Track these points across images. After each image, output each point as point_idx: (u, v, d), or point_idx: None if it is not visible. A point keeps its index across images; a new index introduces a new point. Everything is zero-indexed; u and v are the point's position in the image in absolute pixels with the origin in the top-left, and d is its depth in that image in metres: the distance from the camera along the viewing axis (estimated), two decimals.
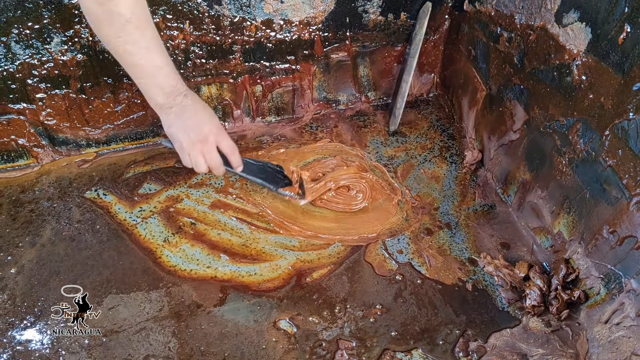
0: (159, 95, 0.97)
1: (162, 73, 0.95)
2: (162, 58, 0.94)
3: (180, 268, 1.10)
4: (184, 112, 1.00)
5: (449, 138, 1.43)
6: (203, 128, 1.01)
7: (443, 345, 0.98)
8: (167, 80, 0.96)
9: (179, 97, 0.99)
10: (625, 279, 0.89)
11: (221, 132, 1.05)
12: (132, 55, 0.91)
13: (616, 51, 0.85)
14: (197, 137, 1.01)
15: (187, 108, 1.00)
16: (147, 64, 0.93)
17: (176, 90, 0.98)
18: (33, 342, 0.97)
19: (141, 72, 0.95)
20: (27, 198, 1.23)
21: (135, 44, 0.90)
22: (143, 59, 0.92)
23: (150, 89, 0.97)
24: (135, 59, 0.92)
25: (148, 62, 0.93)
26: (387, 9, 1.33)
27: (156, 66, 0.94)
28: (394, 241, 1.16)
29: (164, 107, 1.00)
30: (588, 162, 0.95)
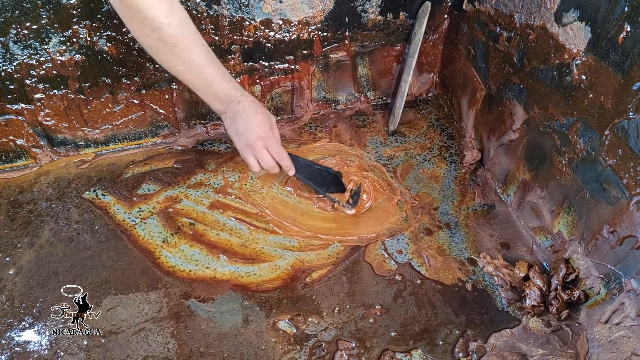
0: (215, 103, 1.08)
1: (214, 85, 1.04)
2: (213, 72, 1.02)
3: (179, 268, 1.09)
4: (236, 117, 1.08)
5: (449, 138, 1.43)
6: (252, 134, 1.09)
7: (443, 345, 0.98)
8: (219, 90, 1.05)
9: (232, 103, 1.07)
10: (625, 278, 0.89)
11: (269, 138, 1.11)
12: (184, 73, 1.01)
13: (616, 50, 0.84)
14: (246, 141, 1.10)
15: (239, 114, 1.08)
16: (199, 79, 1.02)
17: (230, 98, 1.07)
18: (31, 344, 0.96)
19: (196, 86, 1.04)
20: (26, 199, 1.23)
21: (184, 64, 0.99)
22: (195, 76, 1.02)
23: (206, 98, 1.07)
24: (188, 76, 1.02)
25: (200, 77, 1.02)
26: (386, 8, 1.33)
27: (207, 80, 1.03)
28: (393, 241, 1.16)
29: (222, 112, 1.10)
30: (588, 161, 0.95)
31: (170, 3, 0.92)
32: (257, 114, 1.09)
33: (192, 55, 0.98)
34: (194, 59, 0.99)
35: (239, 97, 1.07)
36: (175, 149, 1.38)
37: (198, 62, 0.99)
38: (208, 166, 1.32)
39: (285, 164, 1.14)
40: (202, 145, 1.39)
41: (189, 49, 0.97)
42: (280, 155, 1.13)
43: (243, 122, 1.08)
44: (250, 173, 1.29)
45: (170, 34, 0.93)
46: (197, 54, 0.99)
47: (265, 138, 1.10)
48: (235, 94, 1.07)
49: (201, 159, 1.34)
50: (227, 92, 1.06)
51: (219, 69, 1.04)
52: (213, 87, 1.04)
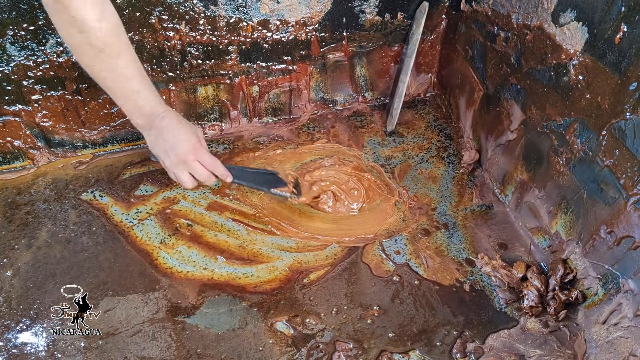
0: (138, 117, 1.02)
1: (139, 97, 0.99)
2: (139, 83, 0.97)
3: (177, 270, 1.09)
4: (161, 133, 1.03)
5: (447, 138, 1.43)
6: (181, 149, 1.03)
7: (440, 346, 0.97)
8: (144, 104, 1.00)
9: (157, 119, 1.02)
10: (622, 279, 0.89)
11: (199, 150, 1.06)
12: (108, 80, 0.96)
13: (613, 51, 0.84)
14: (177, 158, 1.04)
15: (164, 129, 1.02)
16: (123, 89, 0.97)
17: (154, 113, 1.01)
18: (29, 345, 0.96)
19: (119, 96, 0.99)
20: (23, 200, 1.23)
21: (111, 71, 0.94)
22: (120, 84, 0.96)
23: (129, 111, 1.02)
24: (112, 84, 0.96)
25: (124, 87, 0.97)
26: (384, 9, 1.33)
27: (133, 91, 0.97)
28: (391, 242, 1.16)
29: (145, 128, 1.04)
30: (585, 162, 0.95)
31: (102, 6, 0.88)
32: (182, 127, 1.04)
33: (119, 64, 0.93)
34: (121, 68, 0.94)
35: (162, 113, 1.02)
36: None
37: (125, 72, 0.95)
38: None
39: (221, 171, 1.09)
40: None
41: (116, 56, 0.92)
42: (213, 164, 1.07)
43: (170, 137, 1.03)
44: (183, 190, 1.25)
45: (100, 38, 0.88)
46: (125, 63, 0.94)
47: (195, 150, 1.04)
48: (159, 109, 1.02)
49: None
50: (151, 105, 1.01)
51: (146, 81, 0.99)
52: (138, 99, 0.99)
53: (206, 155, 1.07)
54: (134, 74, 0.96)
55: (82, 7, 0.85)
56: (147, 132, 1.05)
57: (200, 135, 1.09)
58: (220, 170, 1.09)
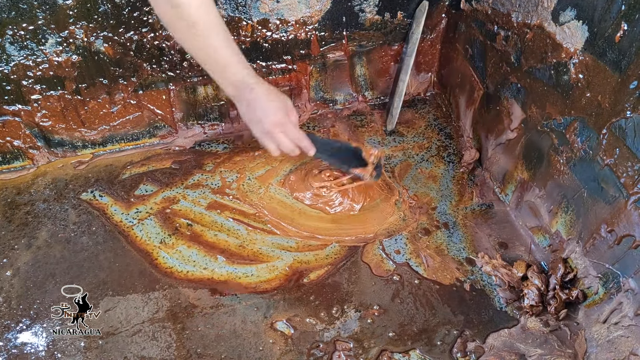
0: (228, 88, 1.06)
1: (228, 70, 1.02)
2: (229, 56, 1.01)
3: (177, 269, 1.09)
4: (250, 105, 1.07)
5: (447, 137, 1.43)
6: (268, 122, 1.08)
7: (441, 345, 0.97)
8: (233, 76, 1.03)
9: (246, 91, 1.05)
10: (623, 278, 0.89)
11: (286, 124, 1.10)
12: (200, 55, 1.00)
13: (613, 49, 0.84)
14: (263, 129, 1.09)
15: (253, 101, 1.06)
16: (214, 63, 1.01)
17: (243, 84, 1.04)
18: (29, 345, 0.96)
19: (210, 69, 1.02)
20: (23, 200, 1.23)
21: (200, 45, 0.98)
22: (210, 58, 1.00)
23: (220, 83, 1.05)
24: (203, 58, 1.00)
25: (215, 61, 1.00)
26: (384, 8, 1.32)
27: (223, 64, 1.01)
28: (391, 241, 1.16)
29: (235, 99, 1.08)
30: (585, 161, 0.95)
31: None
32: (271, 101, 1.07)
33: (209, 39, 0.97)
34: (211, 42, 0.97)
35: (252, 84, 1.05)
36: (173, 149, 1.38)
37: (214, 45, 0.98)
38: (206, 167, 1.32)
39: (304, 144, 1.14)
40: (199, 145, 1.39)
41: (206, 31, 0.96)
42: (298, 138, 1.12)
43: (259, 109, 1.07)
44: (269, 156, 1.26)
45: (189, 13, 0.92)
46: (215, 37, 0.97)
47: (282, 124, 1.09)
48: (249, 80, 1.05)
49: (199, 159, 1.34)
50: (240, 78, 1.04)
51: (236, 54, 1.02)
52: (227, 72, 1.02)
53: (292, 129, 1.11)
54: (222, 47, 0.99)
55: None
56: (238, 103, 1.09)
57: (290, 106, 1.11)
58: (304, 143, 1.14)
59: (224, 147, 1.38)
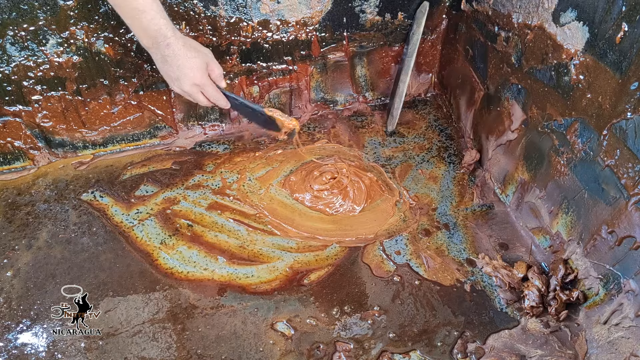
0: (143, 38, 0.99)
1: (145, 17, 0.95)
2: (145, 2, 0.94)
3: (177, 270, 1.09)
4: (167, 61, 1.01)
5: (447, 138, 1.43)
6: (186, 82, 1.03)
7: (441, 346, 0.97)
8: (150, 25, 0.96)
9: (162, 44, 0.99)
10: (624, 279, 0.89)
11: (205, 85, 1.06)
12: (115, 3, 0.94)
13: (614, 50, 0.84)
14: (181, 88, 1.05)
15: (169, 57, 1.00)
16: (129, 7, 0.94)
17: (160, 36, 0.98)
18: (29, 346, 0.96)
19: (125, 14, 0.96)
20: (24, 200, 1.23)
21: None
22: (126, 1, 0.93)
23: (135, 30, 0.99)
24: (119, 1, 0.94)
25: (131, 4, 0.94)
26: (385, 8, 1.32)
27: (138, 9, 0.94)
28: (391, 242, 1.16)
29: (151, 50, 1.01)
30: (586, 162, 0.95)
31: None
32: (189, 58, 1.01)
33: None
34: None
35: (169, 37, 0.98)
36: (174, 150, 1.38)
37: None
38: (206, 167, 1.32)
39: (221, 104, 1.12)
40: (200, 146, 1.39)
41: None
42: (215, 98, 1.09)
43: (175, 68, 1.01)
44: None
45: None
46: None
47: (200, 85, 1.05)
48: (166, 32, 0.98)
49: (199, 160, 1.34)
50: (157, 28, 0.97)
51: (156, 3, 0.95)
52: (143, 19, 0.95)
53: (210, 89, 1.07)
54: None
55: None
56: (153, 55, 1.03)
57: (210, 60, 1.07)
58: (221, 103, 1.11)
59: (225, 147, 1.39)
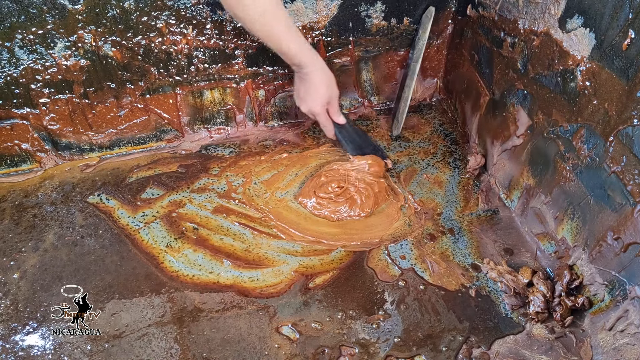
0: (290, 64, 1.20)
1: (287, 56, 1.16)
2: (288, 44, 1.13)
3: (183, 273, 1.09)
4: (303, 82, 1.23)
5: (452, 143, 1.43)
6: (308, 103, 1.25)
7: (446, 351, 0.97)
8: (292, 59, 1.17)
9: (303, 70, 1.19)
10: (629, 285, 0.89)
11: (320, 113, 1.26)
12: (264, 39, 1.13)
13: (620, 57, 0.84)
14: (302, 107, 1.27)
15: (306, 82, 1.22)
16: (277, 47, 1.14)
17: (302, 64, 1.18)
18: (35, 348, 0.97)
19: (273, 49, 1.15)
20: (30, 203, 1.24)
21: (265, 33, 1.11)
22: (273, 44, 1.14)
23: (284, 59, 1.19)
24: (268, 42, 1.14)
25: (278, 46, 1.13)
26: (390, 13, 1.33)
27: (284, 48, 1.13)
28: (396, 247, 1.16)
29: (295, 71, 1.23)
30: (592, 168, 0.95)
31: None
32: (319, 85, 1.22)
33: (274, 30, 1.10)
34: (275, 33, 1.11)
35: (310, 67, 1.18)
36: (179, 153, 1.38)
37: (279, 36, 1.11)
38: (212, 170, 1.33)
39: (327, 133, 1.33)
40: (206, 149, 1.39)
41: (273, 21, 1.09)
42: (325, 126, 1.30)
43: (308, 92, 1.24)
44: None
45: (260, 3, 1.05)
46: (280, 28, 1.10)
47: (317, 111, 1.26)
48: (307, 62, 1.18)
49: (205, 163, 1.35)
50: (297, 62, 1.17)
51: (296, 42, 1.14)
52: (289, 54, 1.15)
53: (323, 117, 1.28)
54: (286, 35, 1.12)
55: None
56: (296, 75, 1.24)
57: (328, 98, 1.25)
58: (328, 133, 1.33)
59: (230, 151, 1.39)
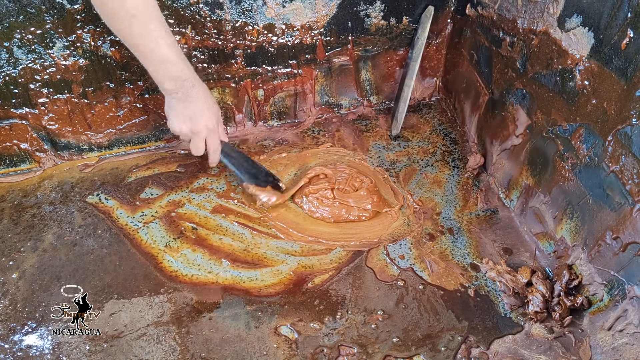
0: (166, 82, 1.04)
1: (168, 63, 1.01)
2: (170, 50, 1.00)
3: (182, 273, 1.09)
4: (187, 99, 1.07)
5: (451, 142, 1.43)
6: (197, 123, 1.11)
7: (445, 351, 0.97)
8: (173, 71, 1.02)
9: (186, 84, 1.05)
10: (628, 285, 0.89)
11: (213, 132, 1.14)
12: (139, 46, 0.99)
13: (619, 56, 0.84)
14: (189, 128, 1.12)
15: (190, 97, 1.07)
16: (154, 55, 1.00)
17: (183, 78, 1.04)
18: (34, 348, 0.96)
19: (149, 62, 1.01)
20: (29, 202, 1.24)
21: (141, 36, 0.97)
22: (150, 51, 0.99)
23: (158, 76, 1.04)
24: (143, 50, 0.99)
25: (155, 53, 0.99)
26: (390, 13, 1.33)
27: (163, 58, 1.00)
28: (395, 246, 1.16)
29: (171, 92, 1.07)
30: (591, 167, 0.95)
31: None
32: (212, 104, 1.12)
33: (150, 30, 0.96)
34: (153, 34, 0.97)
35: (192, 80, 1.06)
36: (178, 153, 1.38)
37: (156, 38, 0.97)
38: (211, 170, 1.32)
39: (213, 159, 1.20)
40: None
41: (148, 21, 0.95)
42: (214, 148, 1.18)
43: (193, 107, 1.08)
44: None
45: (132, 3, 0.92)
46: (155, 29, 0.97)
47: (211, 129, 1.13)
48: (191, 76, 1.05)
49: (204, 163, 1.34)
50: (179, 74, 1.03)
51: (177, 48, 1.01)
52: (167, 65, 1.01)
53: (215, 136, 1.15)
54: (164, 41, 0.98)
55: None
56: (171, 94, 1.07)
57: (219, 116, 1.17)
58: (213, 157, 1.20)
59: None
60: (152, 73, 1.03)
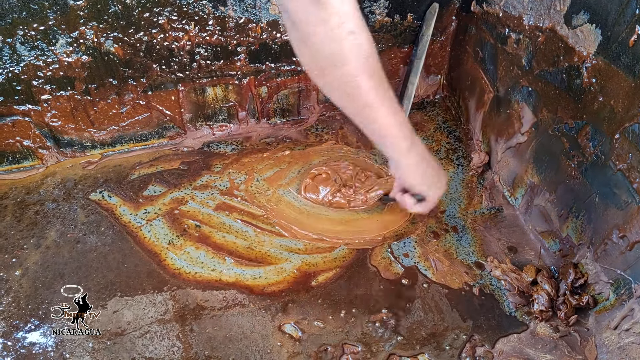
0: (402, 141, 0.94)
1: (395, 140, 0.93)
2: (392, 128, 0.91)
3: (185, 271, 1.09)
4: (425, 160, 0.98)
5: (456, 140, 1.42)
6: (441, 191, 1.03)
7: (449, 350, 0.97)
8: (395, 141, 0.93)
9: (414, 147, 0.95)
10: (635, 284, 0.88)
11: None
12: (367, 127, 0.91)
13: (627, 53, 0.83)
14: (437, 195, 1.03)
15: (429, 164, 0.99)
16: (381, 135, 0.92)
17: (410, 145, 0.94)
18: (37, 345, 0.96)
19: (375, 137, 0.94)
20: (32, 200, 1.23)
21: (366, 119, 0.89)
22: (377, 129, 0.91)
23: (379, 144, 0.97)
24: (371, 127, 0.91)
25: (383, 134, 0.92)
26: (394, 10, 1.32)
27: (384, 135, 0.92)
28: (400, 244, 1.15)
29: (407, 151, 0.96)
30: (597, 165, 0.94)
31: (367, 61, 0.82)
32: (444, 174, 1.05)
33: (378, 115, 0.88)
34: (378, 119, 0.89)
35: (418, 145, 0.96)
36: (182, 150, 1.38)
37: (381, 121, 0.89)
38: (214, 168, 1.32)
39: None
40: (208, 146, 1.39)
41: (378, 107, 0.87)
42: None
43: (438, 176, 1.02)
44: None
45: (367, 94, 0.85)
46: (383, 115, 0.88)
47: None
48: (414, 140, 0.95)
49: (207, 160, 1.34)
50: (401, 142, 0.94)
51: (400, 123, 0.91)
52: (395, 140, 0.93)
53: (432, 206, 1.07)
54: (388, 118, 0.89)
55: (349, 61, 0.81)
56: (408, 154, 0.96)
57: None
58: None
59: (233, 148, 1.38)
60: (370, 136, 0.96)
